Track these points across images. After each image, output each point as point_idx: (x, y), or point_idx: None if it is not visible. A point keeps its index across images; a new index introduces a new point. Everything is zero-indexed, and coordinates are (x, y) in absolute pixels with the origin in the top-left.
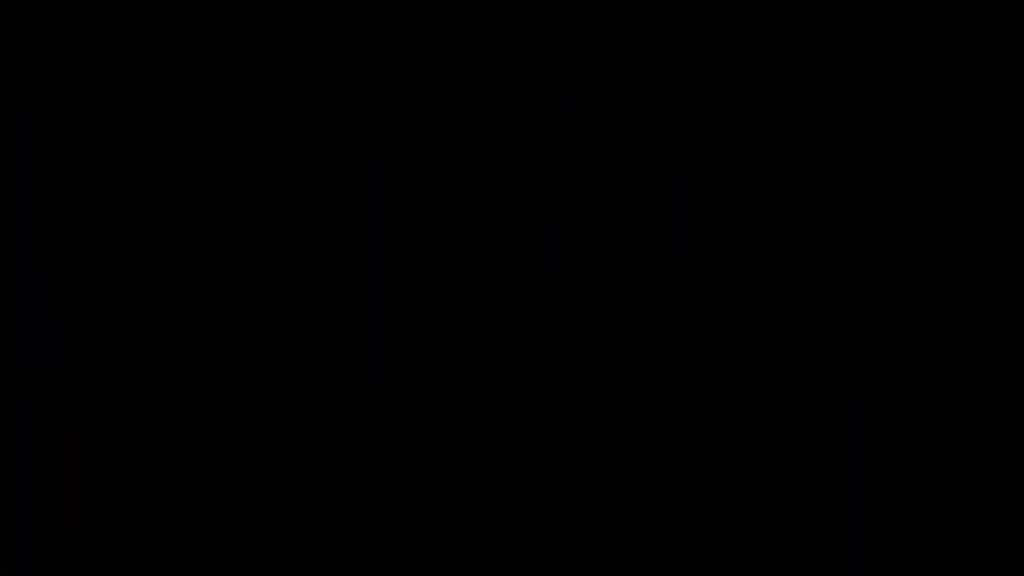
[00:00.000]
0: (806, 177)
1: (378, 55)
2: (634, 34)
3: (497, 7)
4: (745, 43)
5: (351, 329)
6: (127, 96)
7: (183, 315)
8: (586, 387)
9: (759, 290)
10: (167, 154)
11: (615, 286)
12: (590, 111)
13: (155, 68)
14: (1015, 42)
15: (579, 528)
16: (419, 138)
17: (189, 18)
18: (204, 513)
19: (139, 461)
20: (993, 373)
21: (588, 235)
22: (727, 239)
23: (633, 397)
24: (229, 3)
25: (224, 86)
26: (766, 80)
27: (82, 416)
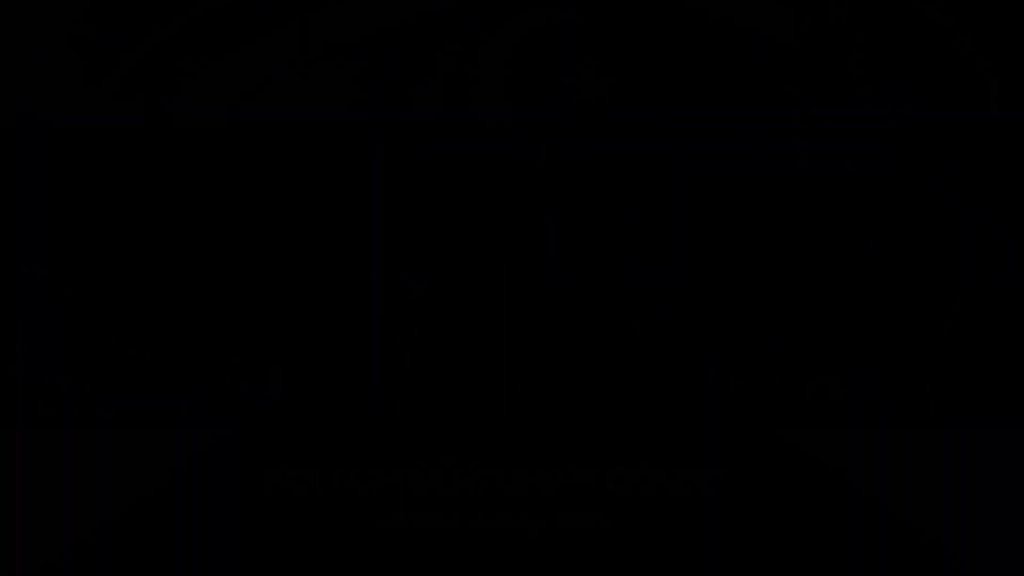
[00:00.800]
0: (806, 177)
1: (378, 55)
2: (634, 34)
3: (497, 7)
4: (745, 43)
5: (351, 329)
6: (127, 96)
7: (183, 315)
8: (586, 387)
9: (759, 290)
10: (167, 154)
11: (615, 286)
12: (590, 111)
13: (155, 68)
14: (1015, 42)
15: (579, 528)
16: (419, 138)
17: (189, 18)
18: (204, 513)
19: (139, 461)
20: (993, 373)
21: (588, 235)
22: (727, 239)
23: (633, 397)
24: (229, 3)
25: (224, 86)
26: (766, 80)
27: (82, 416)
